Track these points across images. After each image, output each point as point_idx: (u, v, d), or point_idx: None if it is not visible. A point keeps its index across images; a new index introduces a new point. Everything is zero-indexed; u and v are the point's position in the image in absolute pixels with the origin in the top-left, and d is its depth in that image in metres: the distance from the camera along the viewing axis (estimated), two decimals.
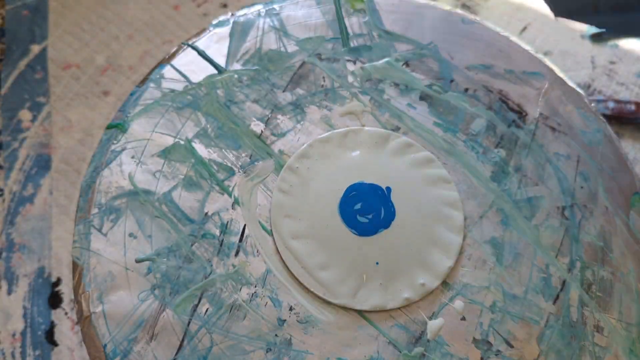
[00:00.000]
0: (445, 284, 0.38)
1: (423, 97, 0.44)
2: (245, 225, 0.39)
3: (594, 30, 0.63)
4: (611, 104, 0.56)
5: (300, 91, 0.44)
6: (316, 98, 0.44)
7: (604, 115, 0.55)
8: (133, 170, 0.40)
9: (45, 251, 0.51)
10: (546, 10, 0.64)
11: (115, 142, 0.41)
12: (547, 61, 0.47)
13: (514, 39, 0.48)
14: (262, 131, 0.42)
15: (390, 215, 0.39)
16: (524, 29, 0.62)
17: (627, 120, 0.55)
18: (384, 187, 0.40)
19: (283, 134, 0.42)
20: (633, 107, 0.55)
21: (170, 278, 0.37)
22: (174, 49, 0.45)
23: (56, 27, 0.62)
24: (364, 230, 0.38)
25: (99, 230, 0.38)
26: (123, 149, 0.41)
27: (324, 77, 0.44)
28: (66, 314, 0.48)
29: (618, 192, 0.42)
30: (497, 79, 0.46)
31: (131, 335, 0.35)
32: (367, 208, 0.39)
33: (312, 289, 0.37)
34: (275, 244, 0.38)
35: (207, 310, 0.36)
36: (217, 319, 0.36)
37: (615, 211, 0.42)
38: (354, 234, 0.38)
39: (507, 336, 0.37)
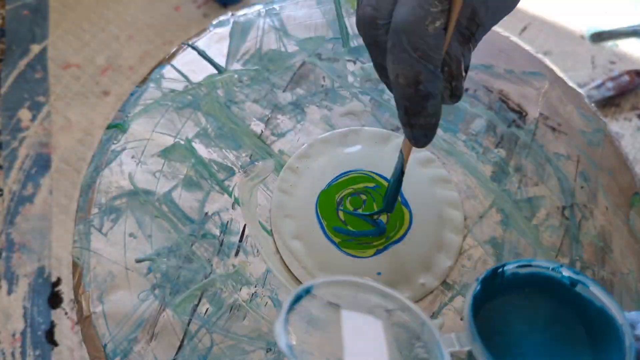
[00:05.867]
0: (445, 284, 0.38)
1: None
2: (245, 225, 0.39)
3: (594, 30, 0.63)
4: (610, 84, 0.58)
5: (300, 91, 0.44)
6: (316, 98, 0.44)
7: (609, 97, 0.57)
8: (133, 170, 0.40)
9: (45, 251, 0.51)
10: (546, 10, 0.64)
11: (115, 142, 0.41)
12: (547, 61, 0.47)
13: (514, 39, 0.48)
14: (262, 131, 0.42)
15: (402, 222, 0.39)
16: (524, 29, 0.62)
17: (627, 92, 0.58)
18: (389, 178, 0.40)
19: (283, 134, 0.42)
20: (627, 77, 0.58)
21: (170, 278, 0.37)
22: (174, 49, 0.45)
23: (56, 26, 0.62)
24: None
25: (99, 230, 0.38)
26: (123, 149, 0.41)
27: (324, 77, 0.44)
28: (66, 314, 0.48)
29: (618, 192, 0.42)
30: (497, 79, 0.46)
31: (131, 335, 0.35)
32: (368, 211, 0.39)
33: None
34: (275, 244, 0.38)
35: (207, 310, 0.36)
36: (217, 319, 0.36)
37: (615, 211, 0.42)
38: (349, 255, 0.38)
39: None
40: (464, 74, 0.29)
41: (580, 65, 0.61)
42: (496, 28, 0.47)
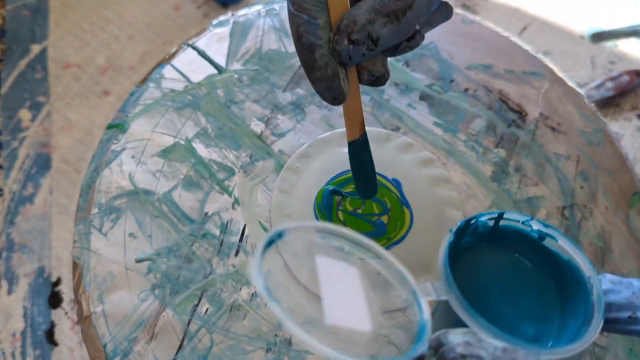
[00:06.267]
0: None
1: (423, 97, 0.44)
2: (245, 225, 0.39)
3: (594, 30, 0.63)
4: (610, 84, 0.58)
5: (300, 91, 0.44)
6: (316, 98, 0.44)
7: (609, 97, 0.57)
8: (133, 170, 0.40)
9: (45, 251, 0.51)
10: (546, 10, 0.64)
11: (115, 142, 0.41)
12: (547, 61, 0.47)
13: (514, 39, 0.48)
14: (262, 131, 0.42)
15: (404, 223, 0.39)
16: (524, 29, 0.62)
17: (627, 92, 0.58)
18: (389, 177, 0.40)
19: (283, 134, 0.42)
20: (627, 77, 0.58)
21: (170, 278, 0.37)
22: (174, 49, 0.45)
23: (57, 27, 0.62)
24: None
25: (99, 230, 0.38)
26: (123, 149, 0.41)
27: None
28: (66, 313, 0.48)
29: (618, 192, 0.42)
30: (497, 79, 0.46)
31: (131, 335, 0.35)
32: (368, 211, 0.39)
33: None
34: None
35: (207, 310, 0.36)
36: (217, 319, 0.36)
37: (615, 211, 0.42)
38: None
39: None
40: (355, 35, 0.28)
41: (580, 65, 0.61)
42: (496, 28, 0.47)
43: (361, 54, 0.29)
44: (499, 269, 0.28)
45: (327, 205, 0.39)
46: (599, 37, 0.62)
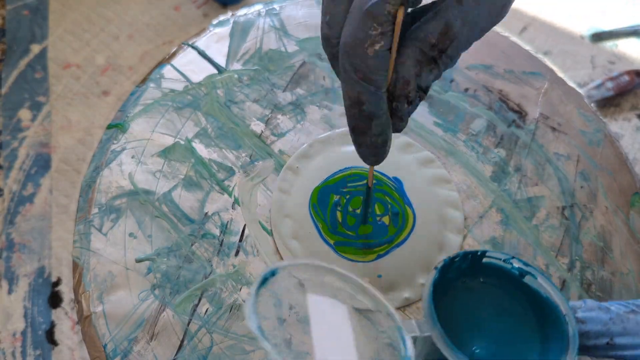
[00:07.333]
0: None
1: None
2: (245, 225, 0.39)
3: (594, 30, 0.63)
4: (609, 84, 0.58)
5: (300, 91, 0.44)
6: (316, 98, 0.44)
7: (609, 97, 0.57)
8: (133, 170, 0.40)
9: (45, 251, 0.51)
10: (546, 10, 0.64)
11: (115, 142, 0.41)
12: (547, 61, 0.47)
13: (514, 39, 0.48)
14: (262, 131, 0.42)
15: (404, 223, 0.39)
16: (524, 29, 0.62)
17: (627, 92, 0.58)
18: (390, 175, 0.40)
19: (283, 134, 0.42)
20: (627, 77, 0.58)
21: (170, 278, 0.37)
22: (174, 49, 0.45)
23: (56, 27, 0.62)
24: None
25: (99, 230, 0.38)
26: (123, 149, 0.41)
27: (324, 77, 0.44)
28: (66, 313, 0.48)
29: (618, 192, 0.42)
30: (497, 79, 0.46)
31: (131, 335, 0.35)
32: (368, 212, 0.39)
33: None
34: (275, 243, 0.38)
35: (207, 310, 0.36)
36: (217, 319, 0.36)
37: (615, 211, 0.42)
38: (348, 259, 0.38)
39: None
40: (411, 95, 0.28)
41: (580, 65, 0.61)
42: (496, 28, 0.47)
43: (415, 107, 0.28)
44: (482, 303, 0.30)
45: (323, 205, 0.39)
46: (599, 37, 0.62)
